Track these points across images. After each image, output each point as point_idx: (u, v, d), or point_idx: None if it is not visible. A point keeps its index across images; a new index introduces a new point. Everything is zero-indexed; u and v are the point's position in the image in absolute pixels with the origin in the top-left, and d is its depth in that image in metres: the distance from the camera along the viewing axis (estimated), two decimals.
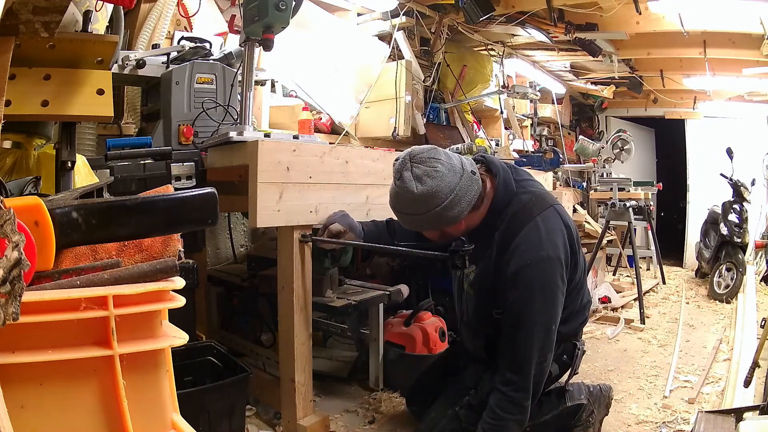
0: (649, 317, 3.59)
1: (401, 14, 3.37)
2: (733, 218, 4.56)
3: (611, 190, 4.39)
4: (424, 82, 3.64)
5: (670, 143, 7.13)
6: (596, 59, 4.42)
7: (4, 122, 1.06)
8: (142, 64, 1.99)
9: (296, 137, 1.79)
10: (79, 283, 0.71)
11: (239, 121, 1.78)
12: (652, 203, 5.13)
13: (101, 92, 1.35)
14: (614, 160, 4.90)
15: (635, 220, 4.37)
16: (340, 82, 3.21)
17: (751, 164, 5.43)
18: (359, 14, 3.55)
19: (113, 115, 1.40)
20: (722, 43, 4.09)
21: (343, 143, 2.94)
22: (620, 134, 4.90)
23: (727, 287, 4.24)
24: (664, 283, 5.03)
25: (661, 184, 5.46)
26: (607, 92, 6.01)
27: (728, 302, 4.07)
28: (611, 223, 4.34)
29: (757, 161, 5.61)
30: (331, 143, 2.29)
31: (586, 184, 6.07)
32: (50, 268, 0.73)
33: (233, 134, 1.62)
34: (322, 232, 1.70)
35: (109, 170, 1.59)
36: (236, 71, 2.04)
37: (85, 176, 1.49)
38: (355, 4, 3.38)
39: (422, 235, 1.60)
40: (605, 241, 4.38)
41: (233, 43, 2.54)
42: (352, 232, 1.69)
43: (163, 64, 2.04)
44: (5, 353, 0.63)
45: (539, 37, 3.99)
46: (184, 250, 0.86)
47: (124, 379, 0.70)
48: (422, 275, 2.71)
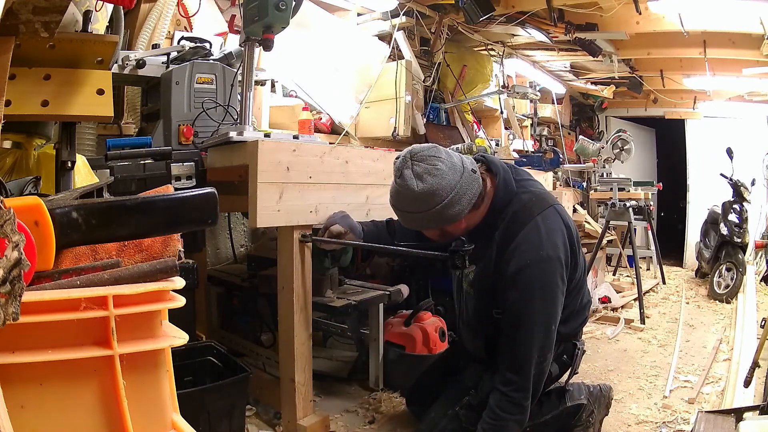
0: (649, 317, 3.59)
1: (401, 14, 3.37)
2: (733, 218, 4.56)
3: (611, 190, 4.39)
4: (424, 82, 3.65)
5: (670, 143, 7.13)
6: (596, 59, 4.42)
7: (4, 122, 1.06)
8: (142, 64, 1.99)
9: (296, 137, 1.79)
10: (79, 283, 0.71)
11: (239, 121, 1.78)
12: (652, 203, 5.13)
13: (101, 92, 1.35)
14: (614, 160, 4.90)
15: (635, 220, 4.36)
16: (340, 82, 3.21)
17: (751, 164, 5.43)
18: (359, 14, 3.56)
19: (113, 115, 1.40)
20: (722, 43, 4.09)
21: (343, 143, 2.94)
22: (620, 134, 4.91)
23: (727, 287, 4.24)
24: (664, 283, 5.03)
25: (661, 184, 5.46)
26: (607, 92, 6.01)
27: (728, 302, 4.07)
28: (611, 223, 4.34)
29: (757, 161, 5.61)
30: (331, 143, 2.29)
31: (586, 184, 6.07)
32: (50, 268, 0.73)
33: (233, 134, 1.62)
34: (322, 233, 1.70)
35: (109, 170, 1.59)
36: (236, 71, 2.04)
37: (85, 176, 1.49)
38: (355, 4, 3.38)
39: (422, 235, 1.60)
40: (605, 241, 4.37)
41: (233, 43, 2.54)
42: (352, 232, 1.69)
43: (163, 64, 2.04)
44: (5, 353, 0.63)
45: (539, 37, 3.99)
46: (184, 250, 0.86)
47: (124, 379, 0.70)
48: (422, 275, 2.71)
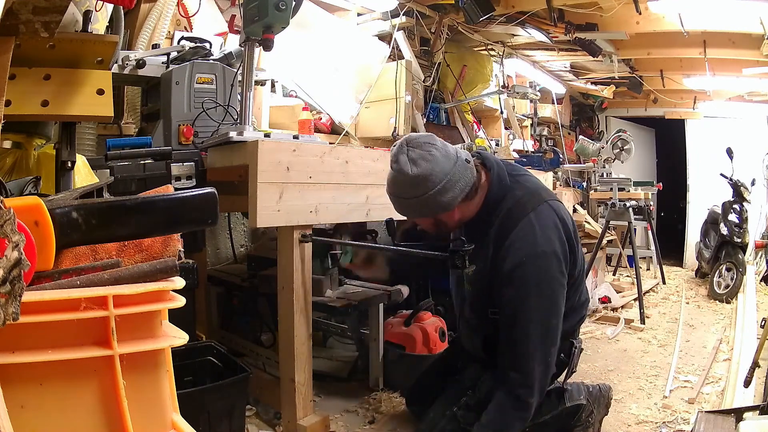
0: (649, 317, 3.59)
1: (401, 14, 3.37)
2: (733, 218, 4.56)
3: (611, 190, 4.39)
4: (424, 82, 3.65)
5: (670, 143, 7.12)
6: (596, 59, 4.42)
7: (4, 122, 1.06)
8: (142, 64, 1.99)
9: (296, 137, 1.79)
10: (79, 283, 0.71)
11: (239, 121, 1.78)
12: (652, 203, 5.13)
13: (101, 92, 1.35)
14: (614, 160, 4.90)
15: (635, 220, 4.36)
16: (340, 82, 3.20)
17: (751, 164, 5.43)
18: (359, 14, 3.55)
19: (113, 115, 1.40)
20: (722, 43, 4.09)
21: (343, 143, 2.94)
22: (620, 134, 4.90)
23: (727, 287, 4.24)
24: (664, 283, 5.03)
25: (661, 184, 5.46)
26: (607, 92, 6.01)
27: (728, 302, 4.07)
28: (611, 223, 4.34)
29: (757, 161, 5.60)
30: (331, 143, 2.29)
31: (586, 184, 6.07)
32: (50, 268, 0.73)
33: (233, 134, 1.62)
34: None
35: (109, 170, 1.59)
36: (236, 71, 2.04)
37: (85, 176, 1.49)
38: (355, 4, 3.38)
39: (422, 234, 1.60)
40: (605, 241, 4.37)
41: (233, 43, 2.54)
42: None
43: (163, 64, 2.04)
44: (5, 353, 0.63)
45: (539, 37, 3.99)
46: (184, 250, 0.86)
47: (124, 379, 0.70)
48: (422, 275, 2.72)
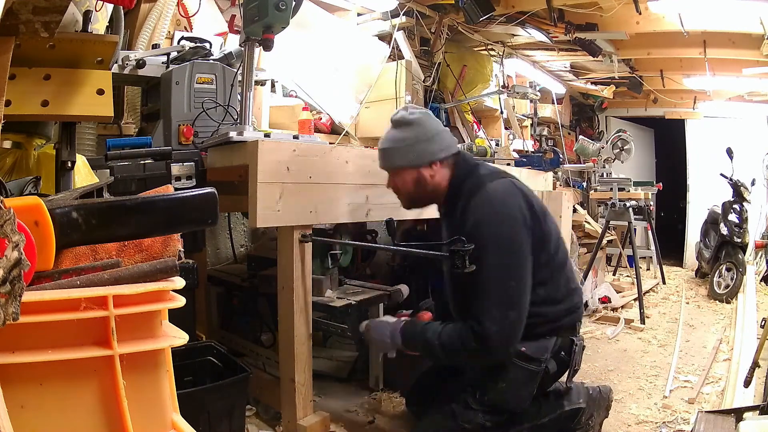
0: (649, 317, 3.60)
1: (401, 14, 3.37)
2: (733, 218, 4.56)
3: (611, 190, 4.39)
4: (424, 82, 3.64)
5: (670, 143, 7.12)
6: (596, 59, 4.42)
7: (4, 122, 1.06)
8: (142, 64, 1.99)
9: (296, 137, 1.79)
10: (79, 283, 0.71)
11: (239, 121, 1.78)
12: (652, 203, 5.13)
13: (101, 92, 1.35)
14: (614, 160, 4.90)
15: (635, 220, 4.36)
16: (340, 82, 3.20)
17: (751, 164, 5.43)
18: (359, 14, 3.55)
19: (113, 115, 1.40)
20: (722, 43, 4.09)
21: (343, 143, 2.94)
22: (620, 134, 4.90)
23: (727, 287, 4.24)
24: (664, 283, 5.03)
25: (661, 184, 5.46)
26: (607, 92, 6.01)
27: (728, 302, 4.07)
28: (611, 223, 4.34)
29: (757, 161, 5.61)
30: (331, 143, 2.29)
31: (586, 184, 6.07)
32: (50, 268, 0.73)
33: (233, 134, 1.62)
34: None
35: (109, 170, 1.59)
36: (236, 71, 2.04)
37: (85, 176, 1.49)
38: (355, 4, 3.38)
39: (422, 235, 1.61)
40: (605, 241, 4.37)
41: (233, 43, 2.54)
42: None
43: (163, 64, 2.04)
44: (5, 353, 0.63)
45: (539, 37, 3.99)
46: (184, 250, 0.86)
47: (124, 379, 0.70)
48: (422, 275, 2.71)
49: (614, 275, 5.14)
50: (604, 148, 4.94)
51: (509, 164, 2.99)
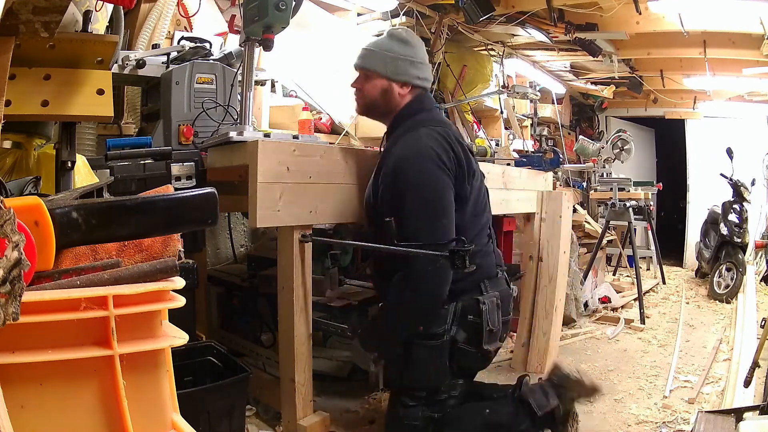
0: (649, 317, 3.60)
1: (401, 14, 3.37)
2: (733, 218, 4.56)
3: (611, 190, 4.39)
4: None
5: (670, 143, 7.13)
6: (596, 59, 4.42)
7: (4, 122, 1.06)
8: (142, 64, 1.98)
9: (296, 137, 1.79)
10: (79, 283, 0.71)
11: (239, 121, 1.78)
12: (652, 203, 5.13)
13: (101, 92, 1.35)
14: (614, 160, 4.91)
15: (635, 220, 4.37)
16: (340, 82, 3.20)
17: (751, 164, 5.43)
18: (359, 14, 3.55)
19: (113, 115, 1.40)
20: (722, 43, 4.10)
21: (343, 143, 2.94)
22: (620, 134, 4.91)
23: (727, 287, 4.24)
24: (664, 283, 5.03)
25: (661, 184, 5.47)
26: (607, 92, 6.01)
27: (728, 302, 4.07)
28: (611, 223, 4.34)
29: (757, 161, 5.61)
30: (331, 143, 2.29)
31: (586, 184, 6.07)
32: (50, 268, 0.73)
33: (233, 134, 1.62)
34: None
35: (109, 170, 1.59)
36: (236, 71, 2.04)
37: (85, 176, 1.49)
38: (355, 4, 3.38)
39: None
40: (605, 241, 4.38)
41: (233, 43, 2.54)
42: None
43: (163, 64, 2.04)
44: (5, 353, 0.63)
45: (539, 37, 3.99)
46: (184, 250, 0.86)
47: (124, 379, 0.70)
48: None
49: (614, 275, 5.14)
50: (604, 148, 4.95)
51: (509, 164, 2.98)
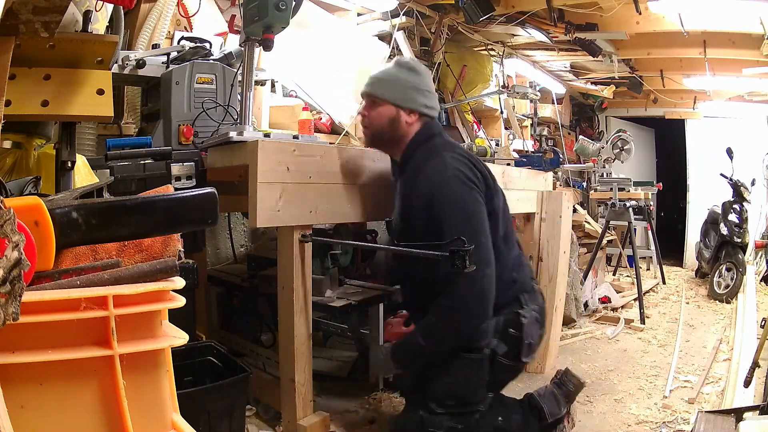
0: (649, 317, 3.60)
1: (401, 14, 3.37)
2: (733, 218, 4.56)
3: (611, 190, 4.39)
4: None
5: (670, 143, 7.13)
6: (596, 59, 4.42)
7: (4, 122, 1.06)
8: (142, 64, 1.98)
9: (296, 137, 1.79)
10: (79, 283, 0.71)
11: (239, 121, 1.77)
12: (652, 203, 5.13)
13: (101, 92, 1.35)
14: (614, 160, 4.90)
15: (635, 220, 4.37)
16: (340, 82, 3.20)
17: (751, 164, 5.43)
18: (359, 14, 3.55)
19: (113, 115, 1.40)
20: (722, 43, 4.10)
21: (343, 143, 2.94)
22: (620, 134, 4.91)
23: (727, 287, 4.24)
24: (664, 283, 5.03)
25: (661, 184, 5.47)
26: (607, 92, 6.01)
27: (728, 302, 4.07)
28: (611, 223, 4.34)
29: (757, 161, 5.61)
30: (331, 143, 2.29)
31: (586, 184, 6.07)
32: (50, 268, 0.73)
33: (233, 134, 1.62)
34: None
35: (109, 170, 1.59)
36: (236, 71, 2.04)
37: (85, 176, 1.49)
38: (355, 4, 3.38)
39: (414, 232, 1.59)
40: (605, 241, 4.37)
41: (233, 43, 2.54)
42: None
43: (163, 64, 2.04)
44: (5, 353, 0.63)
45: (539, 37, 3.99)
46: (184, 250, 0.86)
47: (124, 379, 0.70)
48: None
49: (614, 275, 5.14)
50: (604, 148, 4.95)
51: (509, 164, 2.98)
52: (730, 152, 4.69)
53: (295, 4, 1.65)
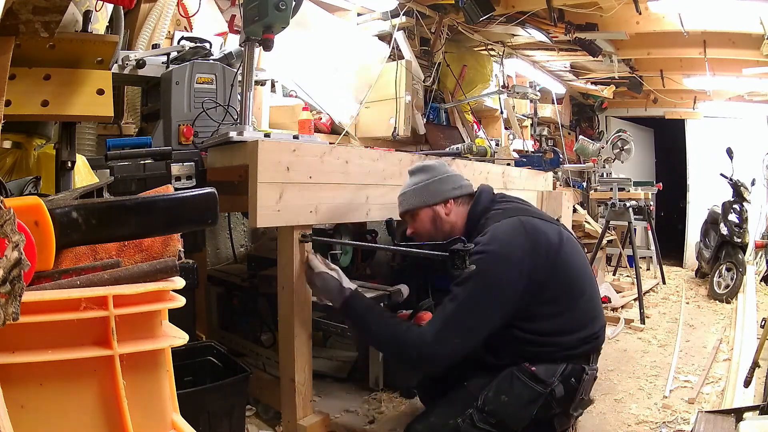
0: (649, 317, 3.60)
1: (401, 14, 3.37)
2: (733, 218, 4.56)
3: (611, 190, 4.39)
4: (424, 82, 3.65)
5: (670, 143, 7.13)
6: (596, 59, 4.42)
7: (4, 122, 1.06)
8: (142, 64, 1.99)
9: (296, 137, 1.79)
10: (79, 283, 0.71)
11: (239, 121, 1.77)
12: (652, 203, 5.13)
13: (101, 92, 1.35)
14: (614, 160, 4.90)
15: (635, 220, 4.37)
16: (340, 82, 3.21)
17: (751, 164, 5.43)
18: (359, 14, 3.56)
19: (113, 115, 1.40)
20: (722, 43, 4.10)
21: (343, 143, 2.94)
22: (620, 134, 4.91)
23: (727, 287, 4.24)
24: (664, 283, 5.03)
25: (661, 184, 5.47)
26: (607, 92, 6.01)
27: (728, 302, 4.07)
28: (611, 223, 4.34)
29: (757, 161, 5.61)
30: (331, 143, 2.29)
31: (586, 184, 6.07)
32: (50, 268, 0.73)
33: (233, 134, 1.62)
34: None
35: (109, 170, 1.59)
36: (236, 71, 2.04)
37: (85, 176, 1.49)
38: (355, 4, 3.38)
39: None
40: (605, 241, 4.38)
41: (233, 43, 2.54)
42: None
43: (163, 64, 2.04)
44: (5, 353, 0.63)
45: (539, 37, 3.99)
46: (184, 250, 0.86)
47: (124, 379, 0.70)
48: (422, 275, 2.71)
49: (614, 275, 5.15)
50: (604, 148, 4.95)
51: (509, 164, 2.98)
52: (730, 152, 4.69)
53: (295, 4, 1.65)
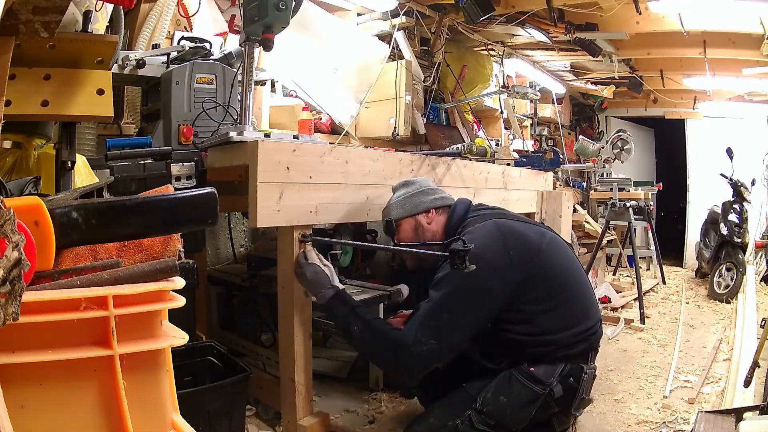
0: (649, 317, 3.60)
1: (401, 14, 3.37)
2: (733, 218, 4.56)
3: (611, 190, 4.39)
4: (424, 82, 3.64)
5: (670, 143, 7.12)
6: (596, 59, 4.42)
7: (4, 122, 1.06)
8: (142, 64, 1.98)
9: (296, 137, 1.79)
10: (79, 283, 0.71)
11: (239, 121, 1.77)
12: (652, 203, 5.13)
13: (101, 92, 1.35)
14: (614, 160, 4.89)
15: (635, 220, 4.37)
16: (340, 82, 3.21)
17: (751, 164, 5.44)
18: (359, 14, 3.56)
19: (113, 115, 1.40)
20: (722, 43, 4.10)
21: (343, 143, 2.94)
22: (620, 134, 4.90)
23: (727, 287, 4.24)
24: (664, 283, 5.03)
25: (661, 184, 5.46)
26: (607, 92, 6.01)
27: (728, 302, 4.07)
28: (611, 223, 4.34)
29: (757, 161, 5.62)
30: (331, 143, 2.28)
31: (586, 184, 6.07)
32: (50, 268, 0.73)
33: (233, 134, 1.62)
34: None
35: (109, 170, 1.59)
36: (236, 71, 2.04)
37: (85, 176, 1.49)
38: (355, 4, 3.38)
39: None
40: (605, 241, 4.37)
41: (233, 43, 2.54)
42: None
43: (163, 64, 2.04)
44: (5, 353, 0.63)
45: (539, 37, 3.99)
46: (184, 250, 0.86)
47: (124, 379, 0.70)
48: (422, 275, 2.71)
49: (614, 275, 5.14)
50: (604, 148, 4.94)
51: (509, 164, 2.98)
52: (730, 152, 4.69)
53: (295, 4, 1.65)
